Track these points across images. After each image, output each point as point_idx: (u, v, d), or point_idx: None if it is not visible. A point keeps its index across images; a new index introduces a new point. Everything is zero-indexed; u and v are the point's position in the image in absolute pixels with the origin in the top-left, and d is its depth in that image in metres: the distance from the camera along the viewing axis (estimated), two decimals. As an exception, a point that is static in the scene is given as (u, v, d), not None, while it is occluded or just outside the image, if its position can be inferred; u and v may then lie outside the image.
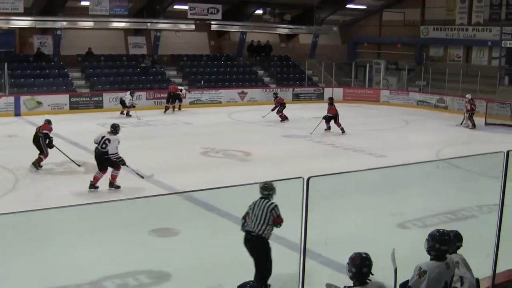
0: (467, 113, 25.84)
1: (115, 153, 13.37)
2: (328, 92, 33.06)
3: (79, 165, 15.47)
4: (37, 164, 15.26)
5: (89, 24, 30.28)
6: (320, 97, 34.13)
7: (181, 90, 28.81)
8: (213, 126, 23.94)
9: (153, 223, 9.81)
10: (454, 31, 36.59)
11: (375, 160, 17.33)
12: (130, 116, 25.68)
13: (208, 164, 16.63)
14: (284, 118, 25.60)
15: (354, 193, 11.96)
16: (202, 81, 32.24)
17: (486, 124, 26.49)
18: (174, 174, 14.86)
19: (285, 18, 37.37)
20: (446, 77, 33.04)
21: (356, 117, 26.95)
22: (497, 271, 6.02)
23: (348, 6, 37.87)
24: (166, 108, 28.13)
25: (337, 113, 22.61)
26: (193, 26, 33.01)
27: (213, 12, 33.13)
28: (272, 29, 37.00)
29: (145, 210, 7.46)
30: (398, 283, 5.10)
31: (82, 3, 30.19)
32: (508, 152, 5.19)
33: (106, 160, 13.36)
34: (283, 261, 7.64)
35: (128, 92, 26.37)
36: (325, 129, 22.63)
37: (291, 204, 5.64)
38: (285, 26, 37.15)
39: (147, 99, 29.46)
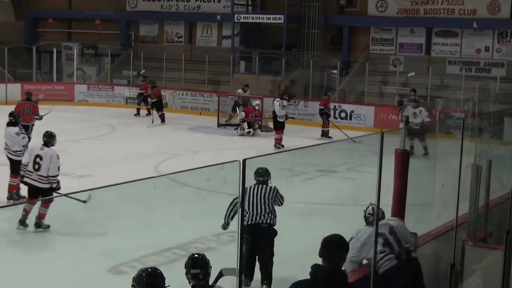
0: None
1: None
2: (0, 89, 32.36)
3: None
4: None
5: None
6: (-12, 98, 33.24)
7: None
8: None
9: None
10: (172, 1, 38.08)
11: (75, 183, 17.30)
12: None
13: None
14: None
15: (47, 230, 11.96)
16: None
17: (219, 126, 28.06)
18: None
19: None
20: (164, 65, 34.24)
21: (40, 125, 26.70)
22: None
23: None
24: None
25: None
26: None
27: None
28: None
29: None
30: None
31: None
32: (244, 160, 5.42)
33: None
34: None
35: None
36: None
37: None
38: None
39: None
